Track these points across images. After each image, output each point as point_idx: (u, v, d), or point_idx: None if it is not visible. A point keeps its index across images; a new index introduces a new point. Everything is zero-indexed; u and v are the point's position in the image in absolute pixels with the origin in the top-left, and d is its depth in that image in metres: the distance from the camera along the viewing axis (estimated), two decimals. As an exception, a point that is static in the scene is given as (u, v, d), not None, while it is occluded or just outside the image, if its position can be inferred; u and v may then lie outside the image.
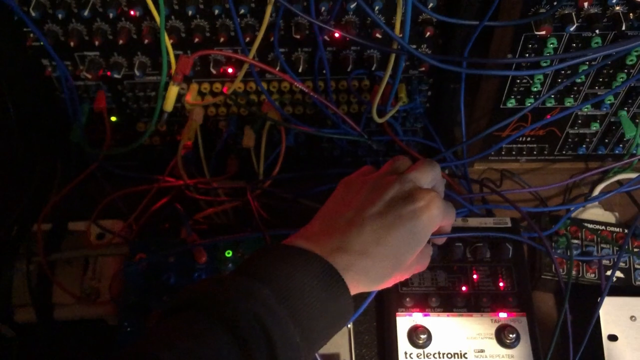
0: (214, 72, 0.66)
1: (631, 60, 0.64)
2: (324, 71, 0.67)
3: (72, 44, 0.62)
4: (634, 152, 0.75)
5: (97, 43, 0.63)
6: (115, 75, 0.66)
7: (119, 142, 0.74)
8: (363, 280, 0.49)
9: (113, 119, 0.73)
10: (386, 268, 0.50)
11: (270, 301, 0.43)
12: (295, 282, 0.45)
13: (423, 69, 0.68)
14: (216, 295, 0.42)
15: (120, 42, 0.63)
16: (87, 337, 0.66)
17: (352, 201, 0.52)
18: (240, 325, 0.41)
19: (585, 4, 0.57)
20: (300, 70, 0.66)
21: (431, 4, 0.60)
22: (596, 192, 0.78)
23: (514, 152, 0.79)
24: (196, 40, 0.63)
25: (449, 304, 0.63)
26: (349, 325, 0.62)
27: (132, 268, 0.58)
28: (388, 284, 0.52)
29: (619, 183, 0.78)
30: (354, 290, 0.48)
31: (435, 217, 0.51)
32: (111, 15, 0.60)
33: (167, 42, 0.62)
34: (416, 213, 0.50)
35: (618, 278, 0.69)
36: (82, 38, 0.63)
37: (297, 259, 0.47)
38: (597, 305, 0.64)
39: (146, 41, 0.63)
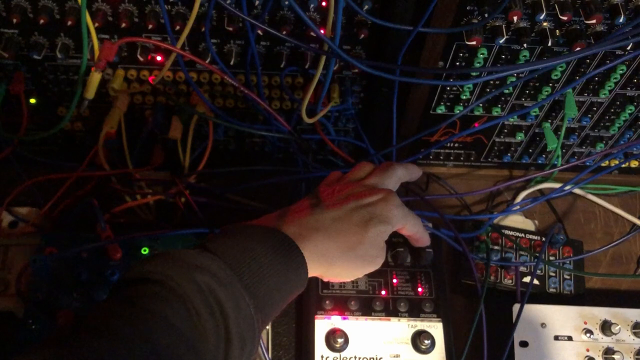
0: (141, 59, 0.64)
1: (556, 75, 0.66)
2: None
3: (-14, 19, 0.59)
4: (555, 163, 0.77)
5: (15, 21, 0.59)
6: (35, 57, 0.62)
7: (38, 126, 0.70)
8: (317, 258, 0.51)
9: (32, 101, 0.69)
10: (341, 243, 0.52)
11: (224, 273, 0.43)
12: (252, 254, 0.46)
13: (356, 70, 0.68)
14: (171, 268, 0.42)
15: (42, 21, 0.59)
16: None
17: (308, 203, 0.55)
18: (193, 297, 0.41)
19: (515, 18, 0.58)
20: (232, 63, 0.64)
21: (366, 6, 0.59)
22: (518, 199, 0.80)
23: (441, 157, 0.80)
24: (123, 25, 0.60)
25: (368, 307, 0.63)
26: (267, 327, 0.61)
27: (41, 262, 0.55)
28: (342, 269, 0.54)
29: (540, 192, 0.81)
30: (310, 269, 0.50)
31: (392, 207, 0.55)
32: (31, -8, 0.56)
33: (91, 25, 0.59)
34: (374, 202, 0.54)
35: (533, 285, 0.71)
36: (-1, 14, 0.59)
37: (255, 233, 0.49)
38: (513, 312, 0.66)
39: (69, 23, 0.59)
